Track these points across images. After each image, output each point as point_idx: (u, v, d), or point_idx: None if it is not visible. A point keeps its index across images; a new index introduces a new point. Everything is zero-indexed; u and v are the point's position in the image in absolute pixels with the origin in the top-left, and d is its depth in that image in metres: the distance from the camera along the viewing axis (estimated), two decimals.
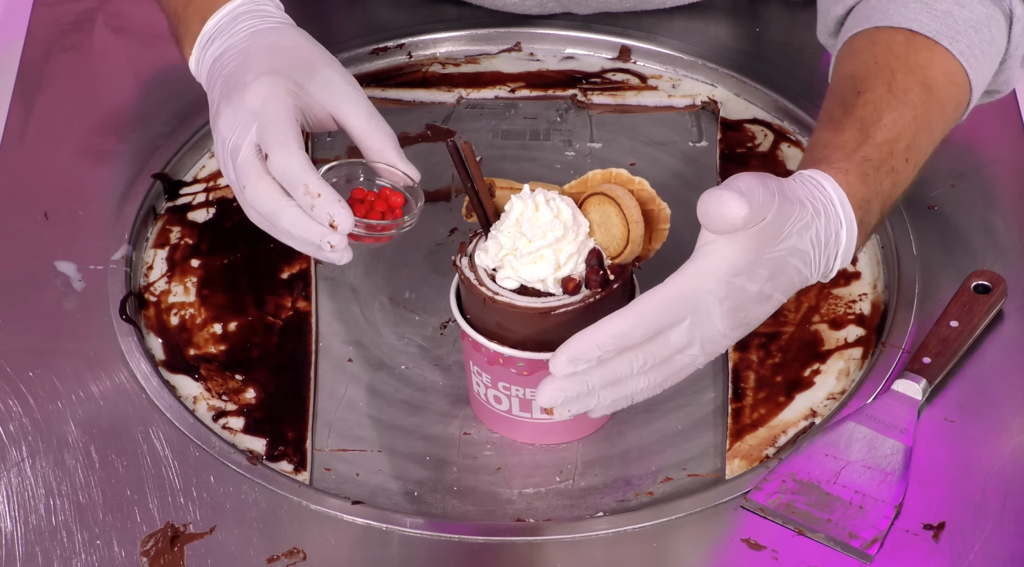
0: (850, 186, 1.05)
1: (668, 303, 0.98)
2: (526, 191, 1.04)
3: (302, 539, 1.04)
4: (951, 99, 1.13)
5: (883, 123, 1.08)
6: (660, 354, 0.99)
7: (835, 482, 1.06)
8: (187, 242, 1.25)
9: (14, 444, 1.10)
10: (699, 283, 0.98)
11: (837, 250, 1.04)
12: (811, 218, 1.02)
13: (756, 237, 0.99)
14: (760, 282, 1.00)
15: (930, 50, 1.13)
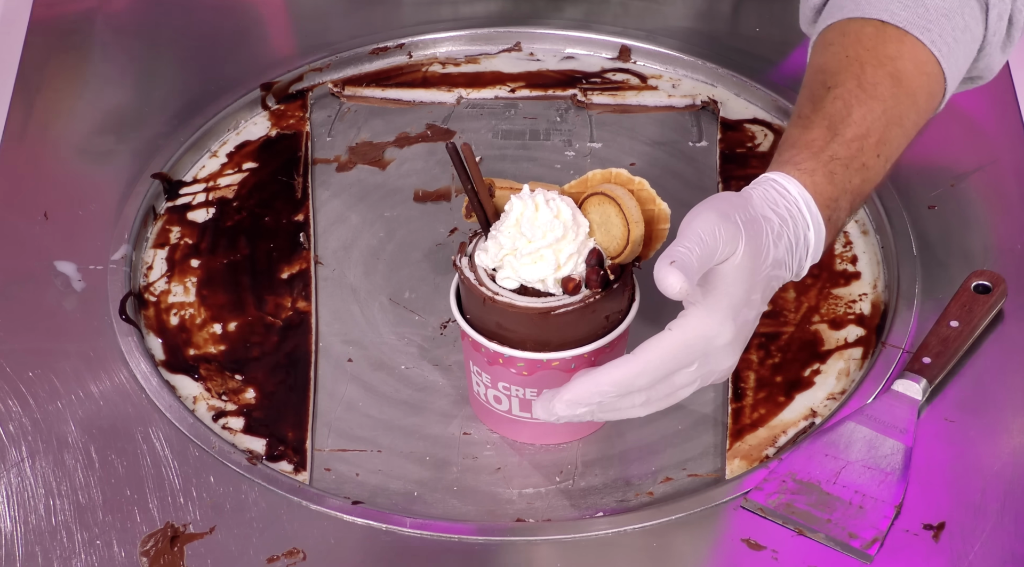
0: (815, 186, 1.05)
1: (675, 351, 0.99)
2: (526, 191, 1.04)
3: (302, 539, 1.04)
4: (922, 89, 1.12)
5: (852, 119, 1.08)
6: (663, 393, 1.01)
7: (835, 482, 1.06)
8: (187, 242, 1.25)
9: (14, 444, 1.10)
10: (706, 329, 0.99)
11: (807, 250, 1.05)
12: (780, 227, 1.02)
13: (747, 267, 1.00)
14: (757, 307, 1.02)
15: (900, 41, 1.12)
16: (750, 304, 1.01)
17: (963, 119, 1.29)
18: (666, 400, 1.02)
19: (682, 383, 1.01)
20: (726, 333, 1.00)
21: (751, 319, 1.02)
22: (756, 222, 1.01)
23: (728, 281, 0.99)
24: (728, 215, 0.99)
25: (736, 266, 0.99)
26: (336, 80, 1.40)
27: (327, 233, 1.27)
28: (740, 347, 1.02)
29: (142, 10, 1.46)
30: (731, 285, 0.99)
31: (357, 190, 1.31)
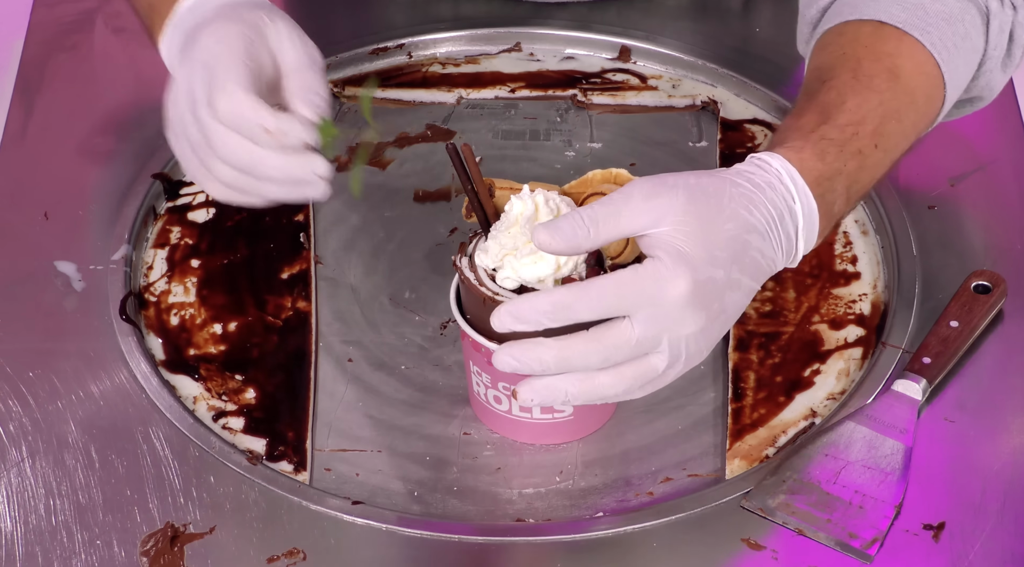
0: (803, 162, 1.02)
1: (619, 285, 0.96)
2: (526, 191, 1.04)
3: (302, 539, 1.04)
4: (921, 89, 1.11)
5: (846, 107, 1.06)
6: (619, 345, 0.96)
7: (835, 482, 1.06)
8: (187, 242, 1.25)
9: (14, 444, 1.10)
10: (655, 270, 0.96)
11: (796, 227, 1.01)
12: (751, 191, 0.99)
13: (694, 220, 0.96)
14: (724, 266, 0.97)
15: (898, 39, 1.11)
16: (712, 260, 0.96)
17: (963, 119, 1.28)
18: (633, 367, 0.97)
19: (638, 338, 0.95)
20: (679, 282, 0.95)
21: (719, 280, 0.97)
22: (714, 183, 0.99)
23: (673, 236, 0.96)
24: (662, 179, 0.98)
25: (678, 222, 0.96)
26: (336, 80, 1.40)
27: (327, 233, 1.27)
28: (708, 312, 0.97)
29: None
30: (677, 239, 0.96)
31: None
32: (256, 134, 1.01)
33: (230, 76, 1.01)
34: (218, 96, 1.01)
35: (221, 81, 1.01)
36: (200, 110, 1.02)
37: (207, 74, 1.02)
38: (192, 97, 1.03)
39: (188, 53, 1.05)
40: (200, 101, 1.02)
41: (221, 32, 1.04)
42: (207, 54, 1.03)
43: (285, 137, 1.01)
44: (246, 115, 1.01)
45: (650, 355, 0.97)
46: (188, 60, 1.04)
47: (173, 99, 1.05)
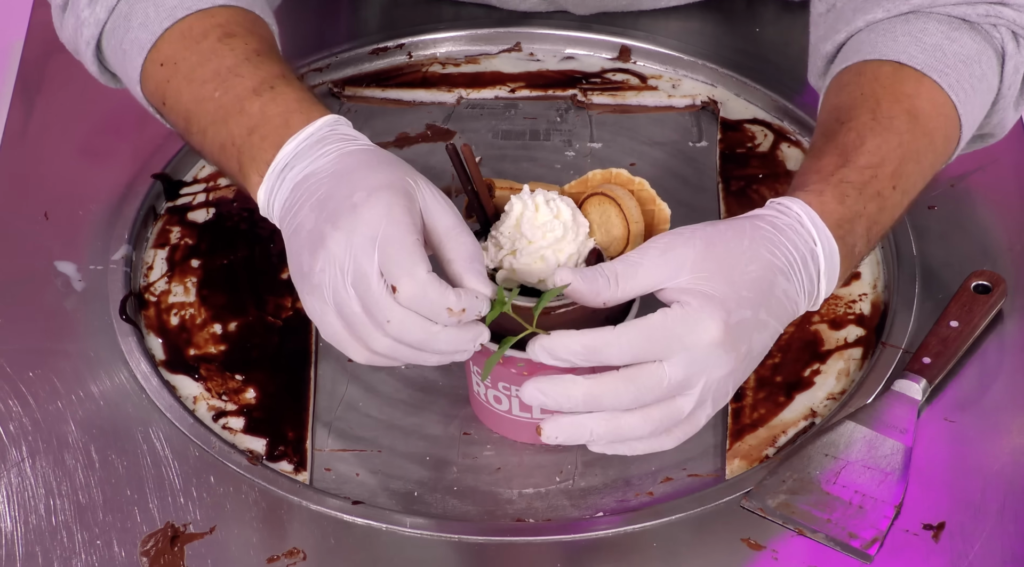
0: (823, 205, 1.02)
1: (651, 330, 0.96)
2: (526, 191, 1.04)
3: (302, 539, 1.04)
4: (939, 130, 1.11)
5: (866, 148, 1.06)
6: (651, 386, 0.97)
7: (835, 482, 1.06)
8: (187, 242, 1.25)
9: (14, 444, 1.10)
10: (686, 314, 0.97)
11: (818, 269, 1.02)
12: (773, 233, 1.00)
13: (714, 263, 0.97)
14: (752, 307, 0.98)
15: (918, 81, 1.11)
16: (741, 301, 0.98)
17: None
18: (663, 410, 0.98)
19: (672, 381, 0.96)
20: (712, 325, 0.96)
21: (747, 320, 0.98)
22: (734, 228, 1.00)
23: (697, 281, 0.97)
24: (681, 232, 0.99)
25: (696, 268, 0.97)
26: (336, 80, 1.40)
27: None
28: (738, 354, 0.98)
29: None
30: (702, 282, 0.97)
31: None
32: (438, 314, 0.97)
33: (414, 259, 0.97)
34: (404, 280, 0.96)
35: (406, 265, 0.96)
36: (371, 288, 0.97)
37: (381, 253, 0.97)
38: (358, 272, 0.97)
39: (344, 222, 0.98)
40: (371, 278, 0.97)
41: (384, 203, 0.98)
42: (373, 228, 0.97)
43: (466, 316, 0.98)
44: (431, 298, 0.96)
45: (677, 397, 0.98)
46: (346, 231, 0.97)
47: (321, 267, 0.98)
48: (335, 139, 1.04)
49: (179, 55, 1.12)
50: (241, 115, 1.07)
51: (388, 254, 0.96)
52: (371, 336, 0.98)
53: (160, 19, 1.13)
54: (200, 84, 1.10)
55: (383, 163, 1.02)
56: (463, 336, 0.98)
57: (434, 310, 0.97)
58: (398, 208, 0.98)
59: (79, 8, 1.17)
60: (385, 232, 0.97)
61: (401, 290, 0.96)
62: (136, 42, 1.14)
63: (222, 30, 1.12)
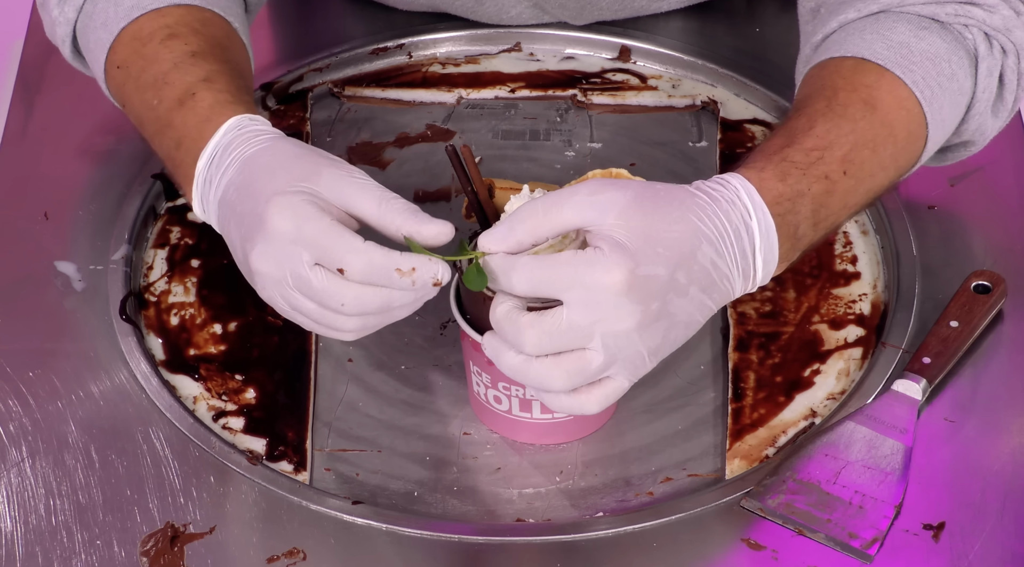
0: (762, 181, 1.02)
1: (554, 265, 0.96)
2: (526, 191, 1.04)
3: (302, 539, 1.04)
4: (900, 123, 1.10)
5: (814, 132, 1.06)
6: (550, 330, 0.96)
7: (835, 482, 1.06)
8: (187, 242, 1.25)
9: (14, 444, 1.10)
10: (591, 253, 0.96)
11: (753, 244, 1.01)
12: (706, 202, 0.99)
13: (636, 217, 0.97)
14: (666, 265, 0.97)
15: (878, 74, 1.10)
16: (654, 257, 0.96)
17: None
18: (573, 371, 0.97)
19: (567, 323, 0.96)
20: (613, 270, 0.95)
21: (659, 277, 0.96)
22: (667, 190, 0.99)
23: (614, 229, 0.96)
24: (611, 181, 0.99)
25: (619, 216, 0.96)
26: (336, 80, 1.40)
27: None
28: (644, 310, 0.96)
29: None
30: (618, 231, 0.96)
31: None
32: (391, 277, 0.99)
33: (344, 237, 0.99)
34: (347, 258, 0.98)
35: (340, 244, 0.98)
36: (313, 285, 0.99)
37: (313, 249, 0.99)
38: (295, 276, 1.00)
39: (258, 238, 1.00)
40: (308, 278, 0.99)
41: (285, 206, 1.00)
42: (285, 234, 0.99)
43: (419, 276, 0.99)
44: (377, 262, 0.98)
45: (586, 349, 0.97)
46: (263, 245, 1.00)
47: (261, 285, 1.02)
48: (240, 143, 1.06)
49: (130, 59, 1.15)
50: (170, 128, 1.10)
51: (318, 245, 0.99)
52: (337, 321, 1.01)
53: (118, 19, 1.16)
54: (144, 91, 1.13)
55: (280, 165, 1.03)
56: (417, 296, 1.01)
57: (384, 273, 0.99)
58: (299, 205, 1.00)
59: (50, 8, 1.21)
60: (301, 231, 0.99)
61: (349, 268, 0.99)
62: (99, 42, 1.17)
63: (167, 31, 1.14)
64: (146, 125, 1.14)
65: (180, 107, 1.10)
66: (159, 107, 1.11)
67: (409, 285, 0.99)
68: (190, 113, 1.09)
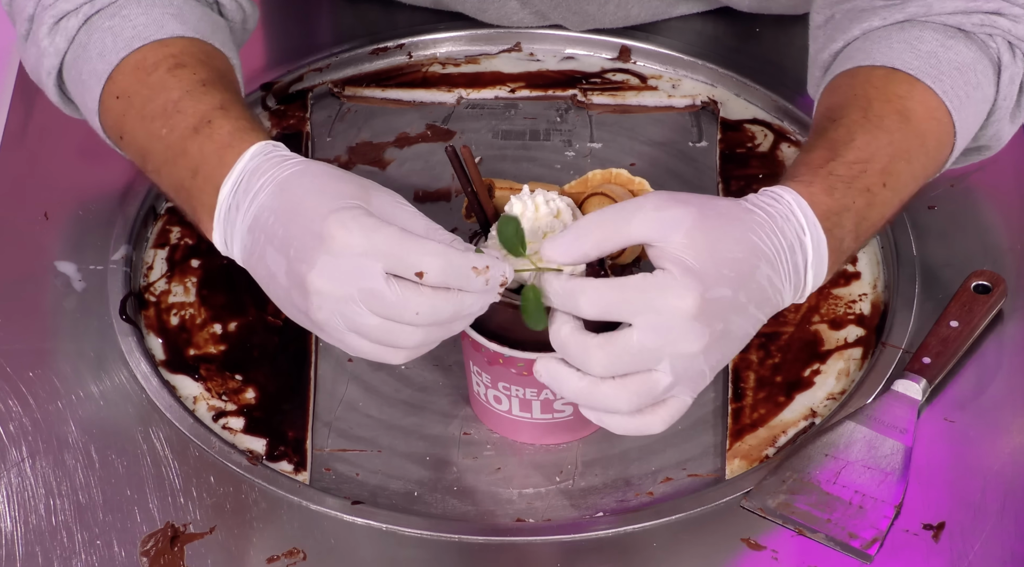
0: (812, 196, 1.02)
1: (624, 288, 0.96)
2: (526, 192, 1.04)
3: (302, 539, 1.04)
4: (931, 134, 1.11)
5: (855, 144, 1.06)
6: (620, 352, 0.96)
7: (835, 482, 1.06)
8: (187, 242, 1.25)
9: (14, 444, 1.10)
10: (662, 277, 0.96)
11: (806, 259, 1.01)
12: (764, 219, 1.00)
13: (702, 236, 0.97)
14: (731, 286, 0.97)
15: (910, 85, 1.11)
16: (720, 279, 0.97)
17: None
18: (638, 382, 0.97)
19: (636, 344, 0.95)
20: (684, 294, 0.95)
21: (726, 300, 0.97)
22: (730, 208, 0.99)
23: (682, 250, 0.96)
24: (676, 196, 0.99)
25: (687, 236, 0.96)
26: (336, 80, 1.40)
27: None
28: (712, 331, 0.97)
29: None
30: (686, 252, 0.96)
31: None
32: (466, 278, 0.97)
33: (416, 240, 0.96)
34: (425, 260, 0.96)
35: (415, 248, 0.96)
36: (387, 298, 0.96)
37: (384, 259, 0.96)
38: (365, 293, 0.96)
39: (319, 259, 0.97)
40: (382, 291, 0.96)
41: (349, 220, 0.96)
42: (352, 248, 0.96)
43: (492, 274, 0.98)
44: (456, 261, 0.96)
45: (653, 371, 0.97)
46: (338, 257, 0.96)
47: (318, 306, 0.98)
48: (269, 167, 1.02)
49: (132, 88, 1.12)
50: (184, 156, 1.07)
51: (392, 253, 0.96)
52: (400, 337, 0.98)
53: (117, 49, 1.13)
54: (151, 121, 1.10)
55: (328, 185, 1.00)
56: (486, 298, 0.99)
57: (462, 274, 0.96)
58: (364, 217, 0.97)
59: (39, 38, 1.16)
60: (371, 242, 0.96)
61: (428, 270, 0.96)
62: (94, 73, 1.14)
63: (173, 60, 1.11)
64: (152, 156, 1.10)
65: (196, 135, 1.06)
66: (169, 136, 1.08)
67: (483, 284, 0.97)
68: (207, 140, 1.06)
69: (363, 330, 0.98)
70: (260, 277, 1.03)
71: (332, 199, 0.98)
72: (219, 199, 1.04)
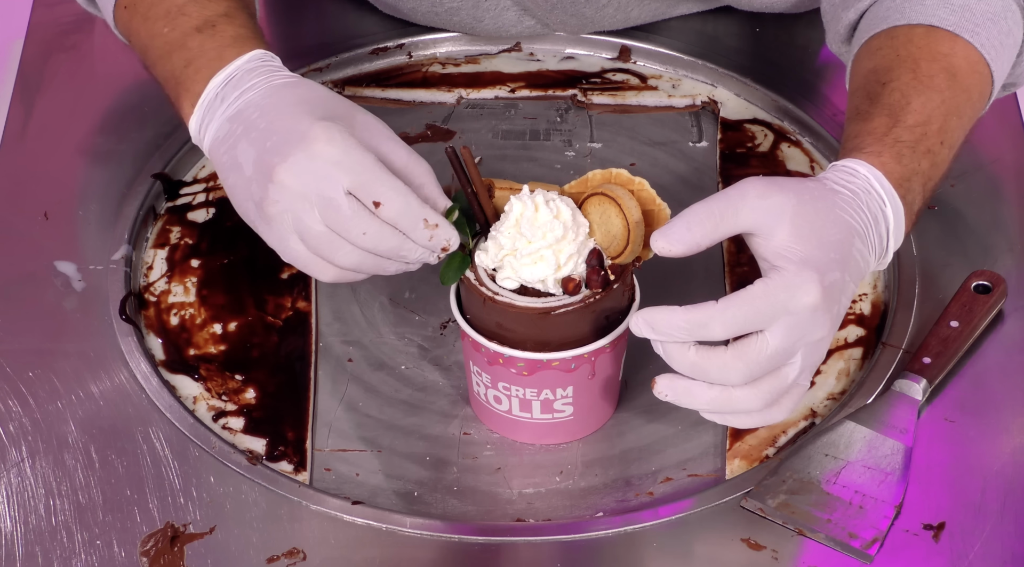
0: (884, 165, 1.06)
1: (753, 300, 0.98)
2: (525, 192, 1.04)
3: (302, 539, 1.04)
4: (975, 87, 1.14)
5: (912, 107, 1.09)
6: (758, 360, 0.98)
7: (835, 482, 1.06)
8: (187, 242, 1.26)
9: (14, 444, 1.10)
10: (786, 280, 0.98)
11: (887, 228, 1.05)
12: (852, 199, 1.03)
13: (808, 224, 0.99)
14: (840, 268, 1.00)
15: (952, 41, 1.14)
16: (830, 263, 0.99)
17: None
18: (771, 384, 0.99)
19: (775, 350, 0.97)
20: (811, 288, 0.98)
21: (837, 282, 0.99)
22: (820, 189, 1.02)
23: (793, 240, 0.99)
24: (774, 180, 1.00)
25: (793, 224, 0.99)
26: (336, 80, 1.40)
27: None
28: (831, 315, 0.99)
29: None
30: (797, 243, 0.99)
31: None
32: (416, 227, 1.03)
33: (391, 177, 1.03)
34: (390, 195, 1.02)
35: (387, 181, 1.02)
36: (342, 208, 1.01)
37: (353, 176, 1.01)
38: (323, 197, 1.02)
39: (295, 153, 1.03)
40: (339, 201, 1.01)
41: (336, 132, 1.03)
42: (330, 156, 1.02)
43: (437, 234, 1.03)
44: (414, 210, 1.03)
45: (782, 367, 0.99)
46: (300, 161, 1.02)
47: (274, 198, 1.03)
48: (264, 72, 1.09)
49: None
50: (182, 50, 1.13)
51: (361, 176, 1.02)
52: (338, 252, 1.03)
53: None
54: (153, 21, 1.16)
55: (317, 98, 1.07)
56: (424, 249, 1.04)
57: (414, 221, 1.02)
58: (347, 135, 1.03)
59: None
60: (347, 157, 1.02)
61: (387, 204, 1.02)
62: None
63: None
64: (150, 51, 1.16)
65: (198, 33, 1.12)
66: (170, 34, 1.14)
67: (426, 239, 1.03)
68: (209, 39, 1.12)
69: (307, 235, 1.03)
70: (221, 165, 1.08)
71: (318, 111, 1.05)
72: (207, 88, 1.10)
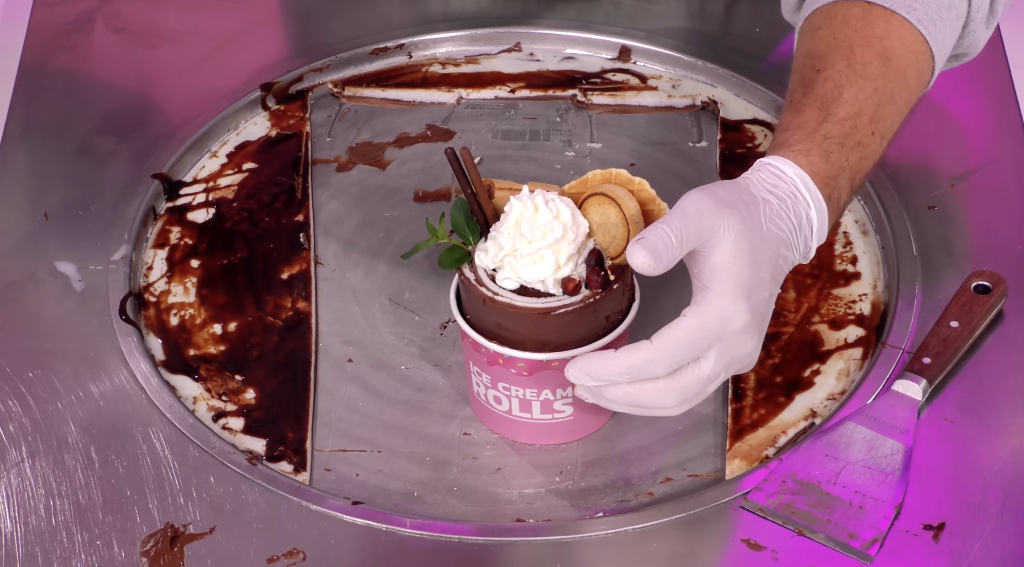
0: (811, 165, 1.05)
1: (690, 336, 0.99)
2: (525, 192, 1.04)
3: (302, 539, 1.04)
4: (912, 68, 1.13)
5: (844, 99, 1.09)
6: (690, 384, 1.00)
7: (835, 482, 1.06)
8: (187, 242, 1.26)
9: (14, 444, 1.10)
10: (719, 311, 0.99)
11: (811, 229, 1.05)
12: (779, 207, 1.03)
13: (745, 247, 1.00)
14: (768, 287, 1.02)
15: (887, 20, 1.13)
16: (759, 283, 1.01)
17: (963, 119, 1.28)
18: (697, 396, 1.02)
19: (707, 374, 1.00)
20: (740, 314, 0.99)
21: (764, 299, 1.02)
22: (753, 202, 1.02)
23: (730, 262, 0.99)
24: (718, 195, 1.00)
25: (734, 244, 0.99)
26: (336, 80, 1.40)
27: (327, 233, 1.27)
28: (759, 330, 1.02)
29: (142, 10, 1.45)
30: (734, 265, 0.99)
31: (357, 190, 1.31)
32: None
33: None
34: None
35: None
36: None
37: None
38: None
39: None
40: None
41: None
42: None
43: None
44: None
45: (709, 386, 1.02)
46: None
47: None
48: None
49: None
50: None
51: None
52: None
53: None
54: None
55: None
56: None
57: None
58: None
59: None
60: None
61: None
62: None
63: None
64: None
65: None
66: None
67: None
68: None
69: None
70: None
71: None
72: None
